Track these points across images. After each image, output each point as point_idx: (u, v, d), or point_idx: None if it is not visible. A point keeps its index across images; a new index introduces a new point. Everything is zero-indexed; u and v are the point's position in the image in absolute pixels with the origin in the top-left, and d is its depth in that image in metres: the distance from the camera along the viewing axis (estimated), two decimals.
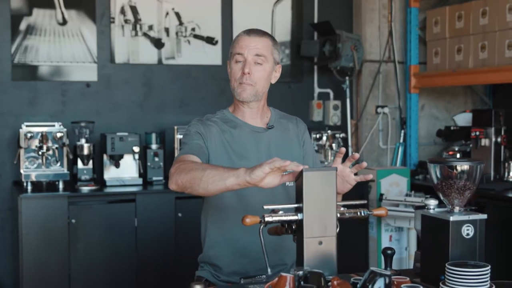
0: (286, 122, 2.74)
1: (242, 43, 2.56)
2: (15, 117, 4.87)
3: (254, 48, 2.55)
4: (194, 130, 2.59)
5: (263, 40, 2.58)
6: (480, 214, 2.15)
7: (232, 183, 2.12)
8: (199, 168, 2.26)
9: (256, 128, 2.64)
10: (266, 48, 2.57)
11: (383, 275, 1.87)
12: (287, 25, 5.59)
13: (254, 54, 2.54)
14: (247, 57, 2.54)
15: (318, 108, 5.61)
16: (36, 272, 4.35)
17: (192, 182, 2.24)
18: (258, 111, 2.66)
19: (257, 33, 2.59)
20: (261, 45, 2.56)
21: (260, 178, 2.03)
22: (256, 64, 2.55)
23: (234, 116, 2.66)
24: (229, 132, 2.61)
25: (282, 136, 2.68)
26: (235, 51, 2.57)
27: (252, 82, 2.55)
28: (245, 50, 2.54)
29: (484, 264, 2.03)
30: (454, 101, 5.95)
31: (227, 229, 2.57)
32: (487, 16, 4.88)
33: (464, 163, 2.16)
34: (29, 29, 4.89)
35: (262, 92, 2.61)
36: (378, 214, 2.13)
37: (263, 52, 2.56)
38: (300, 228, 2.00)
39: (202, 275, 2.63)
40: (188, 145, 2.55)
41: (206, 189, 2.20)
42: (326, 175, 2.00)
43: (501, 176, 4.81)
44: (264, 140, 2.63)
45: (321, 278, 1.84)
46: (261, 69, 2.56)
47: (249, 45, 2.55)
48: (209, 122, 2.62)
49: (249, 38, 2.56)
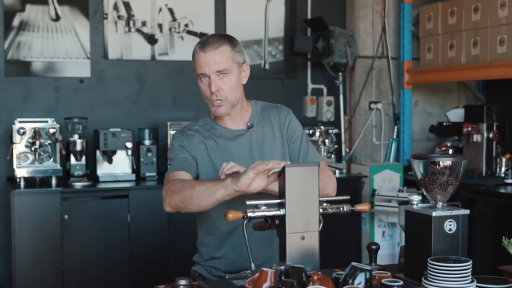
0: (267, 114, 2.67)
1: (201, 61, 2.45)
2: (9, 113, 4.88)
3: (213, 64, 2.43)
4: (177, 144, 2.56)
5: (220, 51, 2.45)
6: (463, 210, 2.17)
7: (222, 195, 2.16)
8: (188, 187, 2.27)
9: (237, 131, 2.60)
10: (226, 59, 2.46)
11: (363, 270, 1.89)
12: (281, 21, 5.60)
13: (215, 71, 2.43)
14: (209, 75, 2.44)
15: (311, 104, 5.62)
16: (29, 268, 4.36)
17: (185, 201, 2.26)
18: (238, 114, 2.61)
19: (212, 45, 2.45)
20: (220, 57, 2.44)
21: (246, 184, 2.06)
22: (221, 78, 2.46)
23: (215, 123, 2.62)
24: (211, 139, 2.58)
25: (263, 131, 2.62)
26: (197, 72, 2.47)
27: (223, 97, 2.47)
28: (205, 68, 2.43)
29: (466, 259, 2.05)
30: (448, 97, 5.96)
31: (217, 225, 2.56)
32: (479, 12, 4.89)
33: (446, 159, 2.17)
34: (22, 25, 4.90)
35: (236, 100, 2.54)
36: (360, 209, 2.15)
37: (224, 66, 2.45)
38: (283, 223, 2.01)
39: (197, 270, 2.63)
40: (174, 161, 2.53)
41: (199, 206, 2.24)
42: (308, 171, 2.02)
43: (493, 171, 4.83)
44: (246, 141, 2.59)
45: (302, 273, 1.85)
46: (227, 81, 2.47)
47: (208, 62, 2.43)
48: (191, 132, 2.59)
49: (205, 55, 2.43)
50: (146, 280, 4.56)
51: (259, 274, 1.86)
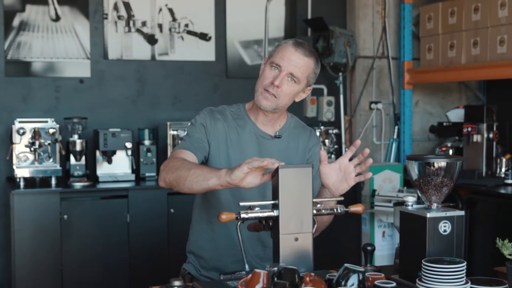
0: (298, 132, 2.66)
1: (285, 53, 2.46)
2: (9, 113, 4.88)
3: (295, 66, 2.45)
4: (200, 121, 2.55)
5: (306, 61, 2.47)
6: (458, 211, 2.16)
7: (214, 184, 2.15)
8: (185, 167, 2.27)
9: (263, 134, 2.59)
10: (305, 70, 2.48)
11: (356, 271, 1.89)
12: (281, 21, 5.60)
13: (290, 71, 2.45)
14: (283, 70, 2.44)
15: (311, 104, 5.62)
16: (29, 267, 4.37)
17: (178, 181, 2.27)
18: (272, 120, 2.59)
19: (305, 51, 2.47)
20: (302, 65, 2.46)
21: (240, 178, 2.05)
22: (289, 80, 2.46)
23: (247, 115, 2.60)
24: (235, 130, 2.57)
25: (288, 146, 2.62)
26: (273, 59, 2.47)
27: (277, 94, 2.46)
28: (285, 62, 2.44)
29: (460, 261, 2.04)
30: (449, 97, 5.95)
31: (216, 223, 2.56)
32: (479, 12, 4.88)
33: (441, 160, 2.16)
34: (22, 25, 4.90)
35: (282, 107, 2.53)
36: (354, 210, 2.15)
37: (299, 74, 2.46)
38: (276, 224, 2.01)
39: (186, 268, 2.65)
40: (189, 138, 2.52)
41: (191, 188, 2.24)
42: (301, 172, 2.02)
43: (493, 172, 4.81)
44: (267, 148, 2.58)
45: (295, 274, 1.85)
46: (290, 86, 2.47)
47: (291, 59, 2.44)
48: (219, 116, 2.57)
49: (294, 52, 2.45)
50: (145, 280, 4.55)
51: (252, 275, 1.86)
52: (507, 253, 1.97)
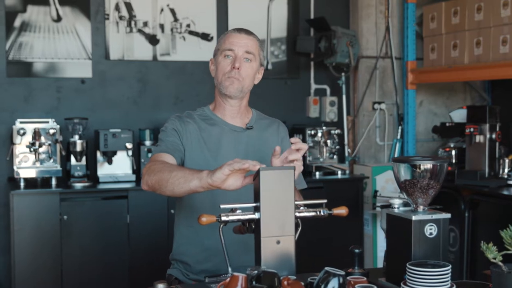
0: (267, 124, 2.75)
1: (232, 39, 2.60)
2: (10, 113, 4.89)
3: (245, 45, 2.59)
4: (171, 126, 2.61)
5: (252, 39, 2.63)
6: (444, 214, 2.14)
7: (196, 186, 2.14)
8: (166, 170, 2.28)
9: (235, 127, 2.66)
10: (255, 47, 2.62)
11: (337, 275, 1.86)
12: (283, 21, 5.57)
13: (244, 51, 2.59)
14: (237, 53, 2.58)
15: (314, 104, 5.59)
16: (29, 268, 4.38)
17: (160, 183, 2.27)
18: (239, 110, 2.67)
19: (246, 31, 2.65)
20: (251, 43, 2.61)
21: (221, 180, 2.04)
22: (245, 61, 2.59)
23: (214, 114, 2.68)
24: (207, 130, 2.62)
25: (261, 137, 2.68)
26: (224, 47, 2.60)
27: (240, 77, 2.58)
28: (235, 46, 2.58)
29: (444, 264, 2.02)
30: (453, 97, 5.90)
31: (198, 227, 2.55)
32: (482, 12, 4.84)
33: (426, 162, 2.14)
34: (23, 25, 4.91)
35: (247, 89, 2.64)
36: (338, 213, 2.12)
37: (252, 50, 2.60)
38: (258, 227, 1.99)
39: (172, 274, 2.64)
40: (163, 142, 2.57)
41: (173, 191, 2.24)
42: (283, 174, 1.99)
43: (496, 173, 4.76)
44: (242, 140, 2.64)
45: (275, 278, 1.83)
46: (249, 66, 2.60)
47: (240, 41, 2.59)
48: (188, 119, 2.64)
49: (239, 35, 2.61)
50: (145, 280, 4.53)
51: (230, 279, 1.84)
52: (491, 257, 1.94)
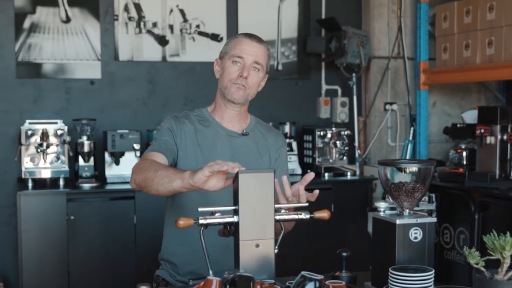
0: (265, 132, 2.74)
1: (243, 46, 2.57)
2: (19, 114, 4.92)
3: (255, 54, 2.56)
4: (166, 126, 2.60)
5: (262, 48, 2.60)
6: (430, 218, 2.10)
7: (178, 186, 2.13)
8: (152, 169, 2.27)
9: (230, 132, 2.64)
10: (264, 57, 2.60)
11: (313, 279, 1.83)
12: (294, 21, 5.54)
13: (253, 60, 2.56)
14: (246, 61, 2.55)
15: (325, 105, 5.55)
16: (36, 267, 4.41)
17: (146, 182, 2.27)
18: (238, 115, 2.66)
19: (258, 39, 2.61)
20: (261, 52, 2.58)
21: (201, 181, 2.02)
22: (252, 69, 2.57)
23: (211, 116, 2.67)
24: (202, 132, 2.61)
25: (256, 144, 2.67)
26: (234, 53, 2.56)
27: (247, 85, 2.56)
28: (245, 54, 2.55)
29: (427, 268, 1.98)
30: (467, 98, 5.82)
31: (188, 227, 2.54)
32: (494, 11, 4.76)
33: (412, 165, 2.10)
34: (33, 27, 4.94)
35: (251, 97, 2.63)
36: (319, 216, 2.08)
37: (261, 60, 2.58)
38: (237, 230, 1.97)
39: (160, 275, 2.63)
40: (157, 141, 2.57)
41: (157, 190, 2.23)
42: (262, 177, 1.97)
43: (507, 174, 4.67)
44: (237, 145, 2.63)
45: (250, 282, 1.80)
46: (256, 75, 2.58)
47: (250, 50, 2.56)
48: (184, 120, 2.63)
49: (250, 43, 2.57)
50: (152, 281, 4.55)
51: (204, 282, 1.82)
52: (473, 262, 1.90)
